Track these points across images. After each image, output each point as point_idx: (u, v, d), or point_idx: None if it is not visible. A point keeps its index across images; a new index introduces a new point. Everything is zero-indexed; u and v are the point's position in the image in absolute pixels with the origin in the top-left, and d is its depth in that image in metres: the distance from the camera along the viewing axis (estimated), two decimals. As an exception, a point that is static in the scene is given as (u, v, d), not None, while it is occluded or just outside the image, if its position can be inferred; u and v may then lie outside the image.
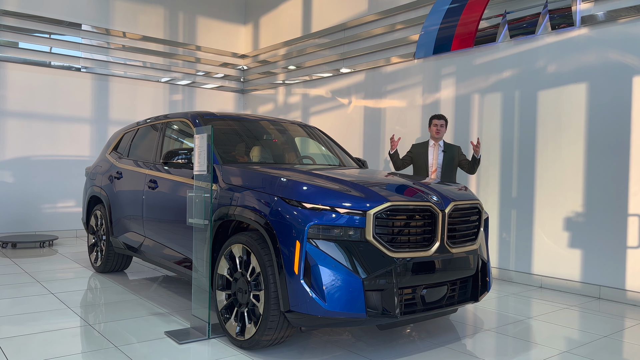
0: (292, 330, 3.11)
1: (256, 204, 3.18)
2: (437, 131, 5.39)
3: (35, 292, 4.55)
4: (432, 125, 5.44)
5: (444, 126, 5.42)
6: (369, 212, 2.94)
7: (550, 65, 5.25)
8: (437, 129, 5.39)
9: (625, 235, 4.69)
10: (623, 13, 4.72)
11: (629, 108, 4.69)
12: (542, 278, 5.26)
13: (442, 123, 5.42)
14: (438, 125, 5.40)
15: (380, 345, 3.36)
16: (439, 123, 5.41)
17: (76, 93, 8.00)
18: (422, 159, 5.40)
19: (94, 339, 3.37)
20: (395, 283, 2.93)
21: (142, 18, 8.63)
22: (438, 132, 5.39)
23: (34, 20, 7.58)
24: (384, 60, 6.94)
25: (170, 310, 4.07)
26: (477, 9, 5.73)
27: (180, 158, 3.90)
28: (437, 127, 5.39)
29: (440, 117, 5.45)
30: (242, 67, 9.78)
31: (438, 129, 5.39)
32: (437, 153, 5.37)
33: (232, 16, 9.71)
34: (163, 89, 8.93)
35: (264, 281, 3.02)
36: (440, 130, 5.39)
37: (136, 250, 4.74)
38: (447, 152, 5.37)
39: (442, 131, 5.41)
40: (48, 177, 7.76)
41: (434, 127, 5.42)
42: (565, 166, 5.11)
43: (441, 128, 5.40)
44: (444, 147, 5.40)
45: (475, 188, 5.83)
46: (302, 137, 5.00)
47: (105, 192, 5.31)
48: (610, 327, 3.94)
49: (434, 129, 5.40)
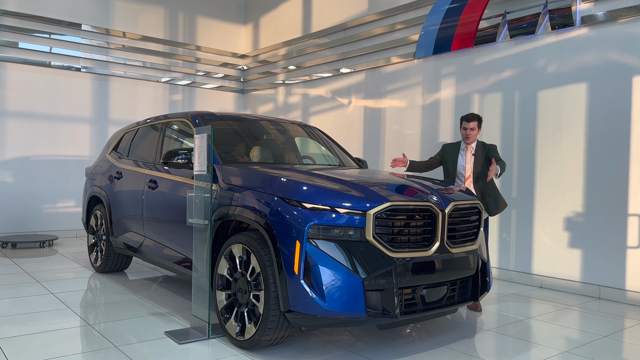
0: (292, 330, 3.11)
1: (256, 204, 3.18)
2: (466, 136, 4.56)
3: (35, 292, 4.55)
4: (462, 128, 4.59)
5: (475, 129, 4.53)
6: (369, 212, 2.94)
7: (550, 65, 5.25)
8: (467, 133, 4.54)
9: (625, 235, 4.69)
10: (623, 13, 4.72)
11: (629, 108, 4.69)
12: (542, 278, 5.26)
13: (472, 126, 4.52)
14: (467, 130, 4.53)
15: (380, 345, 3.36)
16: (469, 126, 4.53)
17: (76, 93, 8.00)
18: (450, 163, 4.67)
19: (94, 339, 3.37)
20: (395, 283, 2.93)
21: (142, 18, 8.64)
22: (468, 137, 4.55)
23: (34, 20, 7.58)
24: (384, 60, 6.94)
25: (170, 310, 4.07)
26: (477, 9, 5.73)
27: (180, 158, 3.90)
28: (467, 132, 4.53)
29: (470, 118, 4.54)
30: (242, 67, 9.78)
31: (467, 133, 4.53)
32: (470, 157, 4.56)
33: (232, 16, 9.71)
34: (163, 89, 8.93)
35: (264, 281, 3.02)
36: (470, 135, 4.53)
37: (136, 250, 4.74)
38: (477, 155, 4.56)
39: (473, 135, 4.54)
40: (48, 177, 7.76)
41: (462, 130, 4.58)
42: (565, 166, 5.11)
43: (471, 132, 4.52)
44: (476, 150, 4.58)
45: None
46: (302, 137, 5.00)
47: (105, 192, 5.31)
48: (610, 327, 3.94)
49: (463, 133, 4.58)
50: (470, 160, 4.53)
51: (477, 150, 4.57)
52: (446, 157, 4.71)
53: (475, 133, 4.55)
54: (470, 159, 4.55)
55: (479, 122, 4.55)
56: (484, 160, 4.52)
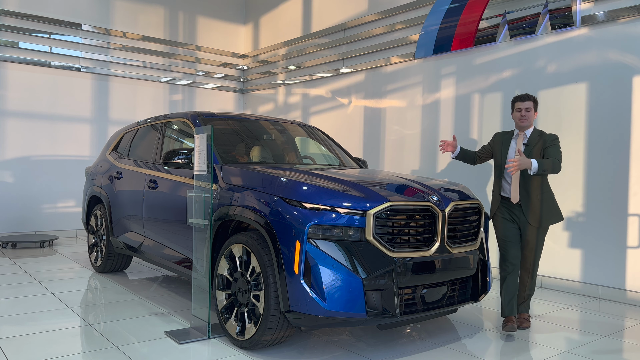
0: (292, 330, 3.11)
1: (256, 203, 3.18)
2: (520, 118, 3.80)
3: (35, 292, 4.55)
4: (515, 110, 3.86)
5: (531, 110, 3.79)
6: (369, 212, 2.94)
7: (550, 65, 5.25)
8: (521, 115, 3.79)
9: (625, 235, 4.69)
10: (623, 13, 4.72)
11: (629, 108, 4.69)
12: (542, 278, 5.26)
13: (527, 106, 3.79)
14: (522, 111, 3.79)
15: (380, 345, 3.36)
16: (523, 106, 3.79)
17: (76, 93, 8.00)
18: (499, 154, 3.91)
19: (94, 339, 3.37)
20: (395, 283, 2.93)
21: (142, 18, 8.64)
22: (523, 120, 3.79)
23: (34, 20, 7.58)
24: (384, 60, 6.94)
25: (170, 310, 4.07)
26: (477, 9, 5.73)
27: (180, 158, 3.91)
28: (522, 113, 3.79)
29: (524, 97, 3.82)
30: (242, 67, 9.78)
31: (522, 114, 3.79)
32: (520, 147, 3.79)
33: (232, 16, 9.71)
34: (163, 89, 8.93)
35: (264, 281, 3.02)
36: (525, 117, 3.78)
37: (136, 250, 4.74)
38: (530, 145, 3.78)
39: (529, 117, 3.79)
40: (48, 177, 7.76)
41: (516, 112, 3.84)
42: (565, 166, 5.10)
43: (527, 113, 3.78)
44: (529, 138, 3.81)
45: (475, 188, 5.82)
46: (302, 137, 5.00)
47: (105, 192, 5.31)
48: (610, 327, 3.94)
49: (517, 115, 3.83)
50: (521, 150, 3.71)
51: (532, 138, 3.78)
52: (496, 146, 3.96)
53: (531, 116, 3.79)
54: (521, 149, 3.74)
55: (534, 104, 3.82)
56: (539, 152, 3.73)
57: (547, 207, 3.75)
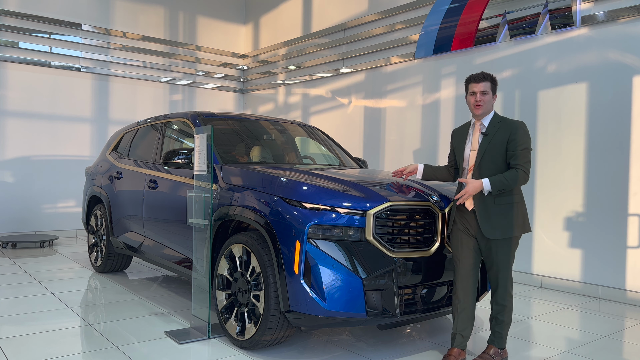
0: (292, 330, 3.11)
1: (256, 203, 3.18)
2: (475, 103, 3.02)
3: (35, 292, 4.55)
4: (469, 93, 3.08)
5: (488, 93, 3.01)
6: (369, 212, 2.94)
7: (550, 65, 5.25)
8: (476, 99, 3.02)
9: (625, 235, 4.69)
10: (623, 13, 4.72)
11: (629, 108, 4.69)
12: (542, 278, 5.26)
13: (483, 88, 3.01)
14: (477, 94, 3.02)
15: (380, 345, 3.36)
16: (479, 89, 3.01)
17: (76, 93, 8.00)
18: (460, 151, 3.17)
19: (94, 339, 3.37)
20: (395, 283, 2.93)
21: (142, 18, 8.64)
22: (478, 106, 3.02)
23: (34, 20, 7.58)
24: (384, 60, 6.94)
25: (170, 310, 4.07)
26: (477, 8, 5.73)
27: (180, 158, 3.91)
28: (476, 97, 3.02)
29: (479, 78, 3.04)
30: (242, 67, 9.78)
31: (478, 99, 3.01)
32: (477, 138, 3.05)
33: (232, 16, 9.71)
34: (163, 89, 8.93)
35: (264, 281, 3.02)
36: (480, 102, 3.00)
37: (136, 250, 4.74)
38: (489, 134, 3.00)
39: (485, 102, 3.00)
40: (48, 177, 7.76)
41: (470, 96, 3.06)
42: (565, 166, 5.11)
43: (484, 97, 3.00)
44: (488, 127, 3.03)
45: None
46: (302, 137, 5.00)
47: (106, 192, 5.31)
48: (610, 327, 3.94)
49: (471, 99, 3.05)
50: (477, 142, 3.03)
51: (491, 127, 3.02)
52: (455, 145, 3.24)
53: (489, 100, 3.02)
54: (477, 141, 3.04)
55: (493, 85, 3.05)
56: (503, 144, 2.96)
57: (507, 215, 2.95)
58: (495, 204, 2.94)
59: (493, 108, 3.09)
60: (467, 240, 3.01)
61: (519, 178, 2.90)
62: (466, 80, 3.12)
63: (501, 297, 3.02)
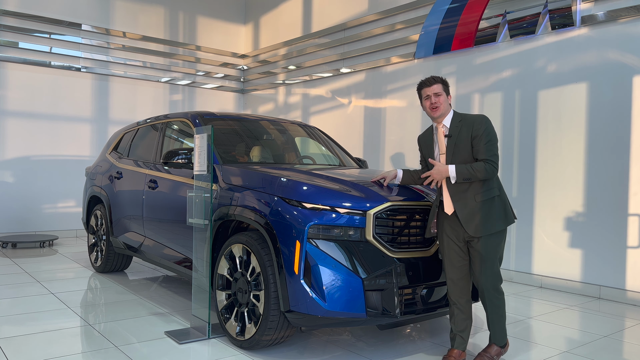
0: (292, 330, 3.11)
1: (256, 203, 3.18)
2: (431, 106, 3.05)
3: (35, 292, 4.55)
4: (423, 98, 3.10)
5: (441, 94, 3.04)
6: (369, 212, 2.94)
7: (550, 65, 5.25)
8: (431, 102, 3.04)
9: (626, 235, 4.69)
10: (623, 13, 4.72)
11: (629, 108, 4.69)
12: (542, 278, 5.26)
13: (436, 91, 3.04)
14: (431, 97, 3.04)
15: (380, 345, 3.36)
16: (432, 92, 3.04)
17: (76, 93, 8.00)
18: (430, 157, 3.12)
19: (94, 339, 3.37)
20: (395, 283, 2.93)
21: (142, 18, 8.64)
22: (434, 108, 3.04)
23: (34, 20, 7.58)
24: (384, 60, 6.94)
25: (170, 310, 4.07)
26: (477, 8, 5.73)
27: (180, 158, 3.91)
28: (431, 100, 3.04)
29: (430, 81, 3.08)
30: (242, 67, 9.78)
31: (432, 101, 3.03)
32: (442, 141, 3.06)
33: (232, 16, 9.71)
34: (163, 89, 8.93)
35: (264, 281, 3.02)
36: (436, 105, 3.03)
37: (136, 250, 4.74)
38: (453, 135, 3.01)
39: (441, 104, 3.04)
40: (48, 177, 7.77)
41: (425, 100, 3.09)
42: (566, 166, 5.11)
43: (437, 98, 3.03)
44: (450, 129, 3.04)
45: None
46: (302, 137, 5.00)
47: (106, 192, 5.31)
48: (610, 327, 3.94)
49: (427, 104, 3.07)
50: (444, 145, 3.03)
51: (452, 128, 3.02)
52: (424, 152, 3.21)
53: (444, 101, 3.04)
54: (444, 144, 3.04)
55: (444, 86, 3.08)
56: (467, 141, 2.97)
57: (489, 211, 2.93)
58: (476, 201, 2.93)
59: (451, 108, 3.10)
60: (455, 244, 3.02)
61: (485, 169, 2.89)
62: (417, 88, 3.14)
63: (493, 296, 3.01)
